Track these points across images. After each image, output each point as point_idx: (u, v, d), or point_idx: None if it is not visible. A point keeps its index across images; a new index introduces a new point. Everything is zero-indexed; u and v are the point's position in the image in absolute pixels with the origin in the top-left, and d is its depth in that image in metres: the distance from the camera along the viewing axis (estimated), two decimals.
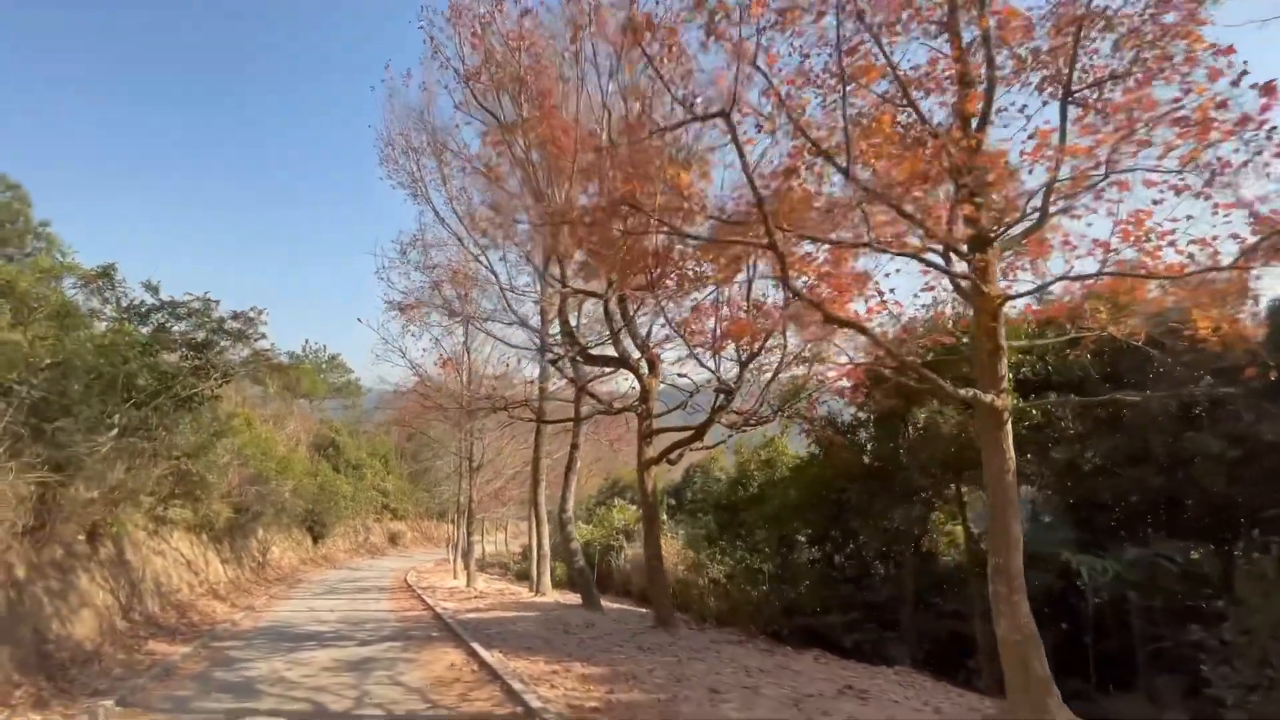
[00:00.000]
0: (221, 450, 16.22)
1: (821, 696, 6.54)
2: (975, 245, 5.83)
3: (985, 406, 5.64)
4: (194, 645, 10.30)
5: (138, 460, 11.95)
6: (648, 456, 10.43)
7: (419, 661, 9.22)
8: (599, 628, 11.69)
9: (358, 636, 11.45)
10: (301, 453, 33.16)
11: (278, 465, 24.05)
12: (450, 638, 11.23)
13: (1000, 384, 5.74)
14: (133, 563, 12.20)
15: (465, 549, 21.43)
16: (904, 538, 11.26)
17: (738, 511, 14.72)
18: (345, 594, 19.23)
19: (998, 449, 5.69)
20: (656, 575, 10.44)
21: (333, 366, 55.15)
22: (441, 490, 32.66)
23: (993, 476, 5.71)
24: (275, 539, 25.61)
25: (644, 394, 10.43)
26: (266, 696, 7.37)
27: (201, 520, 16.87)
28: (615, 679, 7.62)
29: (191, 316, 11.22)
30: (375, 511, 44.24)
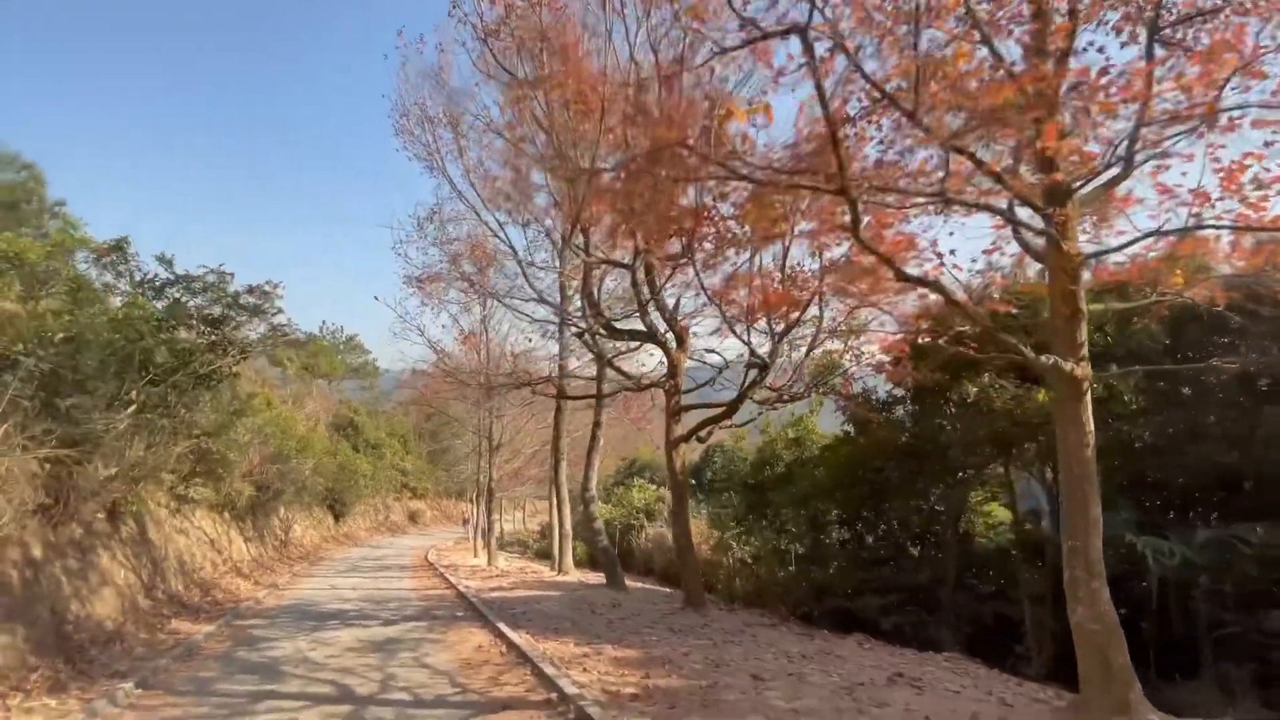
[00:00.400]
0: (242, 429, 16.09)
1: (873, 685, 6.15)
2: (1053, 198, 5.27)
3: (1064, 376, 5.12)
4: (217, 624, 10.17)
5: (157, 438, 11.76)
6: (676, 434, 10.01)
7: (445, 642, 8.98)
8: (626, 608, 11.41)
9: (381, 616, 11.27)
10: (321, 432, 33.31)
11: (298, 444, 24.07)
12: (475, 617, 11.01)
13: (1080, 351, 5.21)
14: (155, 541, 12.10)
15: (486, 528, 21.31)
16: (943, 518, 10.79)
17: (765, 491, 14.32)
18: (367, 572, 19.21)
19: (1075, 422, 5.18)
20: (686, 556, 10.09)
21: (350, 347, 55.41)
22: (460, 469, 32.64)
23: (1069, 452, 5.21)
24: (297, 517, 25.74)
25: (672, 369, 9.98)
26: (290, 678, 7.14)
27: (223, 499, 16.82)
28: (650, 663, 7.29)
29: (207, 291, 10.91)
30: (395, 490, 44.58)
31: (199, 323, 11.35)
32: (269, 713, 5.95)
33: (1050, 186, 5.26)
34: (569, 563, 17.22)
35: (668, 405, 10.07)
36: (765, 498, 14.36)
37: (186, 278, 10.68)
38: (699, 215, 5.75)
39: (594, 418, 14.60)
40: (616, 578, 13.82)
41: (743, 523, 14.68)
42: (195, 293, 10.87)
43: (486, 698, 6.30)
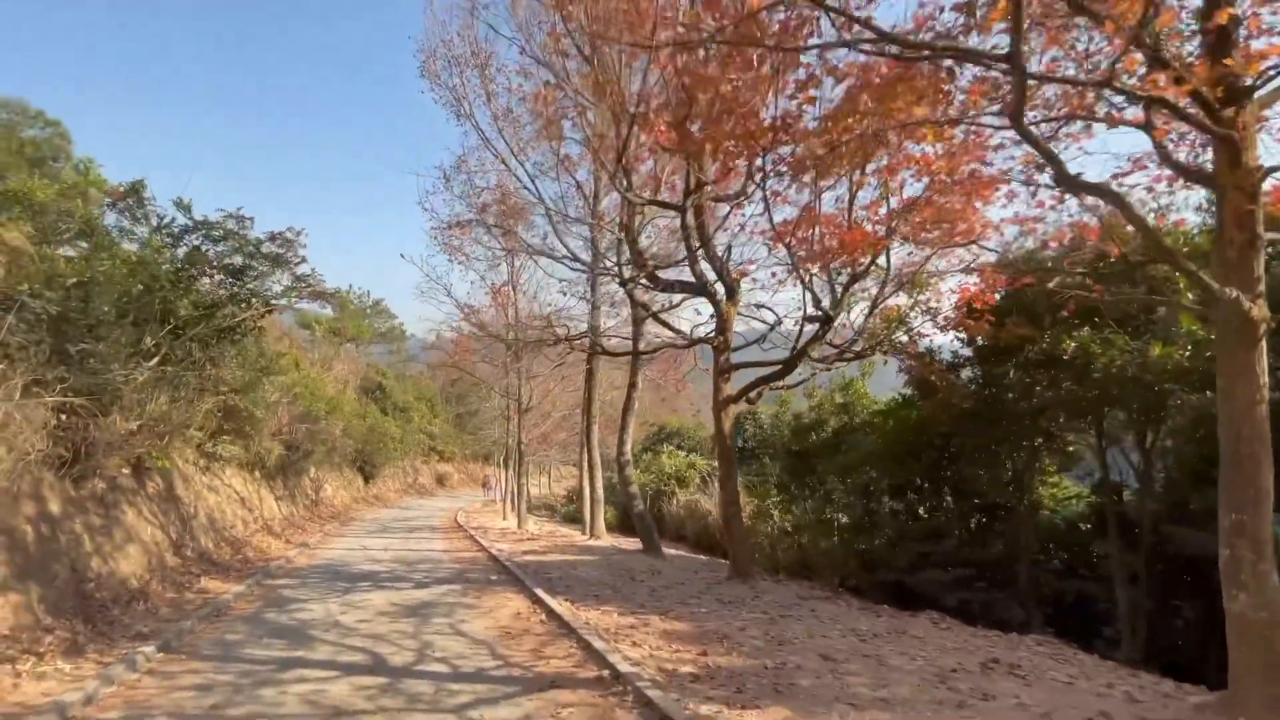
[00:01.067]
0: (269, 387, 15.74)
1: (967, 672, 5.43)
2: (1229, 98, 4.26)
3: (1238, 316, 4.19)
4: (247, 584, 9.84)
5: (181, 393, 11.36)
6: (725, 394, 9.24)
7: (481, 608, 8.49)
8: (667, 576, 10.85)
9: (413, 578, 10.88)
10: (350, 394, 33.32)
11: (327, 405, 23.93)
12: (510, 581, 10.55)
13: (1257, 287, 4.27)
14: (183, 498, 11.81)
15: (516, 491, 20.96)
16: (1013, 488, 9.93)
17: (810, 458, 13.55)
18: (398, 533, 19.04)
19: (1247, 374, 4.27)
20: (734, 524, 9.42)
21: (377, 312, 55.50)
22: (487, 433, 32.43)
23: (1237, 409, 4.31)
24: (328, 478, 25.79)
25: (721, 324, 9.16)
26: (320, 644, 6.67)
27: (253, 457, 16.61)
28: (704, 638, 6.67)
29: (227, 239, 10.31)
30: (423, 453, 44.89)
31: (219, 273, 10.79)
32: (297, 683, 5.45)
33: (1224, 86, 4.26)
34: (601, 527, 16.76)
35: (716, 363, 9.28)
36: (810, 465, 13.60)
37: (205, 224, 10.07)
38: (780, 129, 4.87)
39: (629, 379, 13.89)
40: (653, 544, 13.28)
41: (785, 491, 13.97)
42: (215, 240, 10.27)
43: (531, 672, 5.73)
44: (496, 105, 14.79)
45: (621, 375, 24.56)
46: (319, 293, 11.04)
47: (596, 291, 15.54)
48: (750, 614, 7.79)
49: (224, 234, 10.25)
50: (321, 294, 11.08)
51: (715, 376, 9.24)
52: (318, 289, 10.93)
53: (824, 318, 8.33)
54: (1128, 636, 7.79)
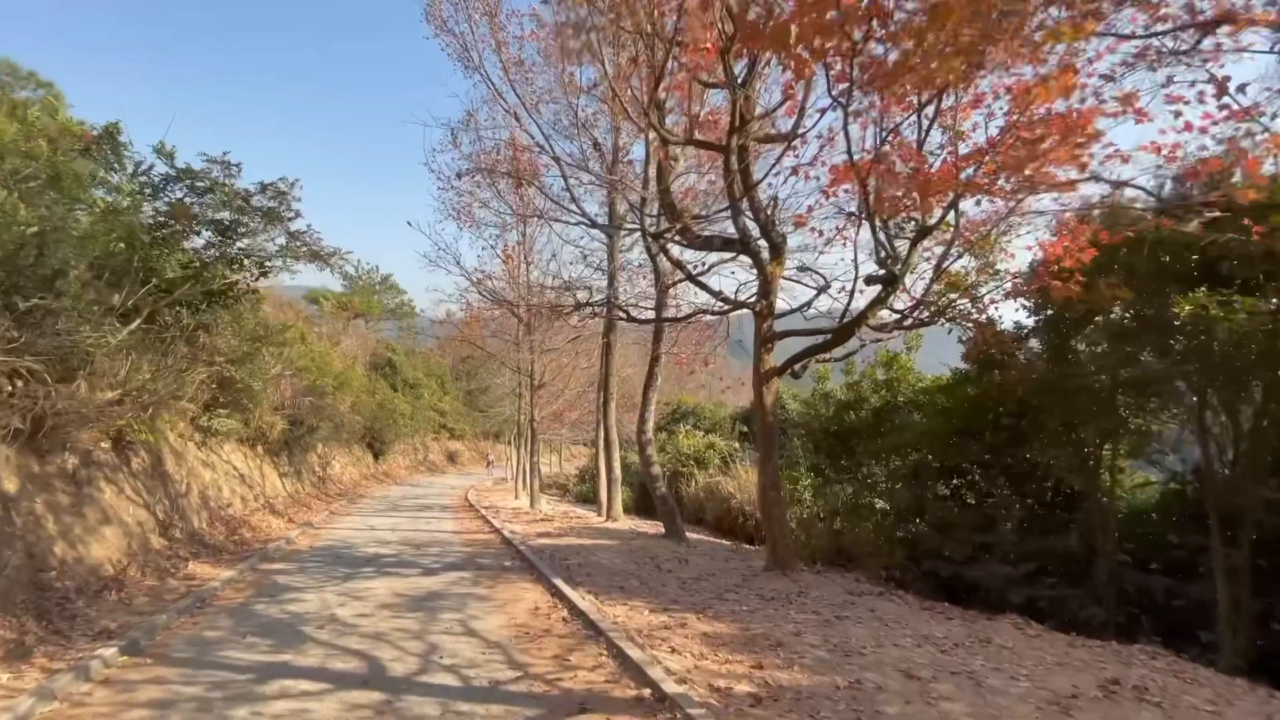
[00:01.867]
0: (268, 357, 14.87)
1: (1086, 698, 4.44)
2: None
3: None
4: (239, 568, 9.02)
5: (169, 361, 10.47)
6: (768, 366, 8.20)
7: (494, 600, 7.59)
8: (696, 565, 9.92)
9: (421, 563, 10.03)
10: (359, 370, 32.58)
11: (335, 381, 23.15)
12: (525, 568, 9.67)
13: None
14: (174, 475, 11.00)
15: (529, 470, 20.12)
16: (1087, 473, 8.87)
17: (848, 439, 12.51)
18: (406, 512, 18.29)
19: None
20: (774, 510, 8.44)
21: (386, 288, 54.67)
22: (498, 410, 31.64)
23: None
24: (336, 454, 25.10)
25: (764, 286, 8.09)
26: (311, 645, 5.80)
27: (254, 433, 15.82)
28: (754, 644, 5.72)
29: (213, 191, 9.30)
30: (433, 430, 44.31)
31: (207, 228, 9.81)
32: (278, 698, 4.56)
33: None
34: (618, 509, 15.88)
35: (758, 331, 8.22)
36: (848, 445, 12.56)
37: (189, 172, 9.07)
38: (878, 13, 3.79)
39: (651, 351, 12.86)
40: (676, 528, 12.36)
41: (819, 473, 12.97)
42: (201, 192, 9.26)
43: (557, 688, 4.80)
44: (507, 55, 13.67)
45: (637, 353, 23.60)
46: (316, 253, 10.03)
47: (614, 260, 14.48)
48: (801, 614, 6.84)
49: (210, 185, 9.23)
50: (319, 254, 10.07)
51: (757, 346, 8.20)
52: (315, 249, 9.93)
53: (888, 277, 7.24)
54: (1227, 641, 6.78)
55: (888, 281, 7.35)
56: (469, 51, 13.46)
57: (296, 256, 10.10)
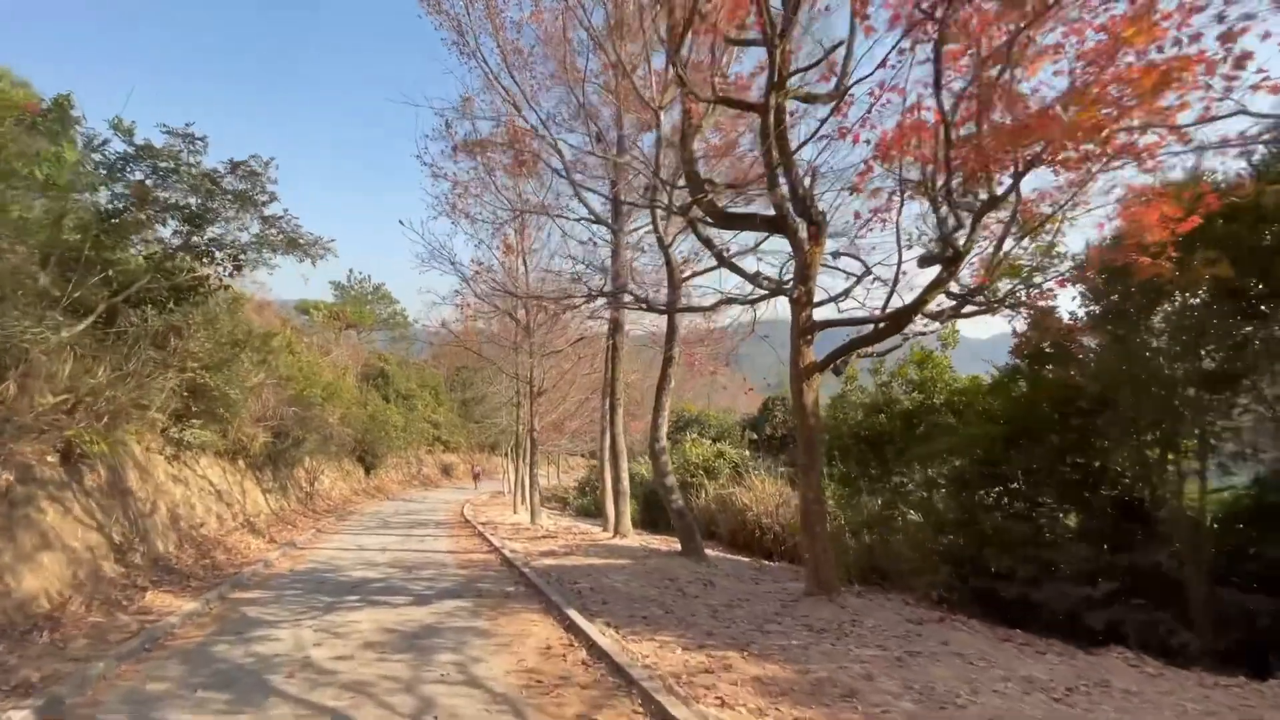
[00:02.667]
0: (248, 364, 13.79)
1: None
2: None
3: None
4: (206, 598, 7.90)
5: (133, 365, 9.40)
6: (808, 361, 7.20)
7: (498, 636, 6.51)
8: (723, 588, 8.86)
9: (413, 589, 8.92)
10: (350, 381, 31.43)
11: (324, 391, 22.04)
12: (532, 594, 8.58)
13: None
14: (137, 492, 9.87)
15: (529, 482, 19.00)
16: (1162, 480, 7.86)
17: (879, 445, 11.49)
18: (398, 529, 17.13)
19: None
20: (817, 526, 7.40)
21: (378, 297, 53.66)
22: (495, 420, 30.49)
23: None
24: (325, 468, 23.90)
25: (803, 271, 7.11)
26: (276, 702, 4.71)
27: (234, 445, 14.68)
28: (820, 692, 4.67)
29: (178, 172, 8.27)
30: (427, 443, 43.09)
31: (172, 215, 8.77)
32: None
33: None
34: (627, 524, 14.79)
35: (796, 321, 7.22)
36: (880, 452, 11.54)
37: (149, 150, 8.03)
38: None
39: (664, 352, 11.84)
40: (695, 545, 11.30)
41: (848, 483, 11.93)
42: (164, 174, 8.23)
43: None
44: (505, 40, 12.79)
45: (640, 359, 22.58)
46: (295, 241, 8.98)
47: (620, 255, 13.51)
48: (863, 649, 5.78)
49: (175, 165, 8.20)
50: (298, 242, 9.03)
51: (795, 339, 7.20)
52: (293, 236, 8.88)
53: (950, 255, 6.28)
54: None
55: (950, 260, 6.37)
56: (465, 36, 12.61)
57: (273, 247, 9.05)
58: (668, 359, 11.73)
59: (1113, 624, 7.29)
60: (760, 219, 7.15)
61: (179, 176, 8.18)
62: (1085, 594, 7.52)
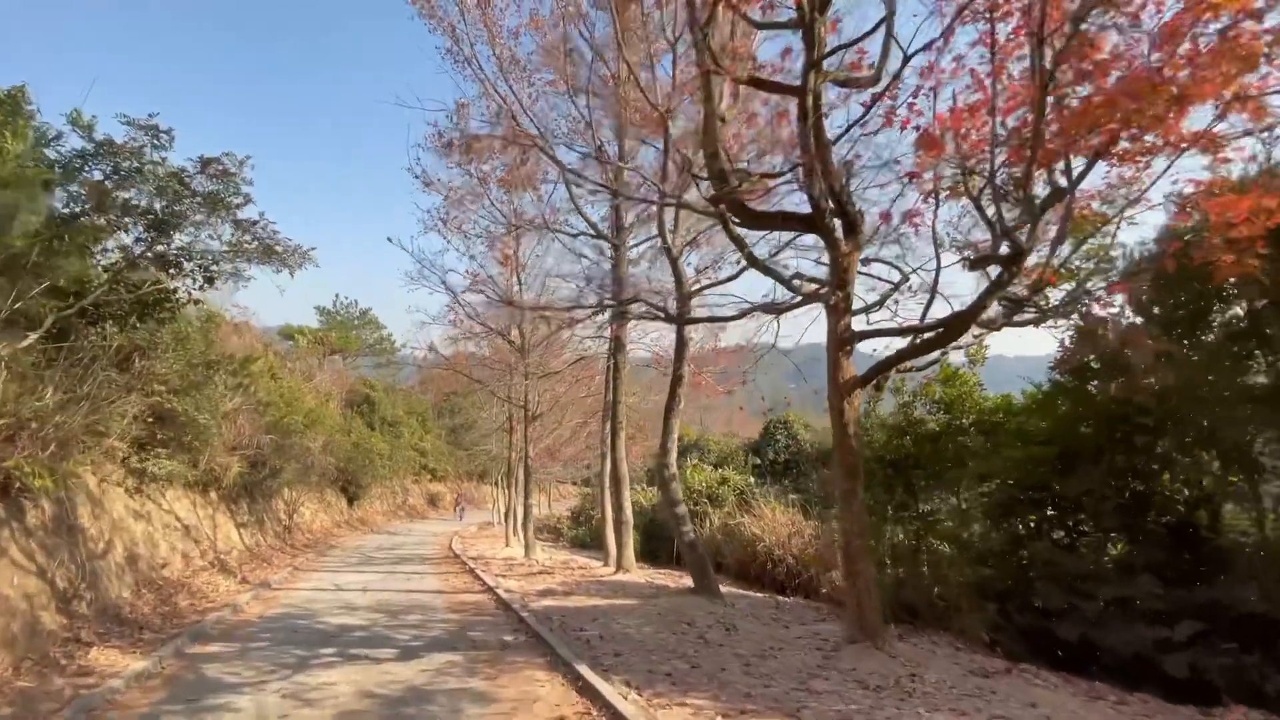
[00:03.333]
0: (222, 387, 12.80)
1: None
2: None
3: None
4: (159, 654, 6.85)
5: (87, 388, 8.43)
6: (848, 376, 6.43)
7: (499, 702, 5.54)
8: (748, 633, 7.92)
9: (398, 639, 7.89)
10: (333, 408, 30.24)
11: (306, 418, 20.92)
12: (533, 644, 7.58)
13: None
14: (89, 530, 8.81)
15: (523, 513, 17.94)
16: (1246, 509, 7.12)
17: (906, 470, 10.69)
18: (382, 565, 15.97)
19: None
20: (860, 563, 6.54)
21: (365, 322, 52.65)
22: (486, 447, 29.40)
23: None
24: (305, 499, 22.63)
25: (840, 276, 6.38)
26: None
27: (204, 476, 13.59)
28: None
29: (141, 172, 7.44)
30: (413, 472, 41.66)
31: (136, 221, 7.92)
32: None
33: None
34: (630, 557, 13.79)
35: (834, 330, 6.47)
36: (906, 477, 10.74)
37: (110, 147, 7.21)
38: None
39: (674, 369, 11.04)
40: (709, 583, 10.35)
41: (872, 511, 11.08)
42: (125, 174, 7.40)
43: None
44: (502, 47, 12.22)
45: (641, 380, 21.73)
46: (271, 248, 8.14)
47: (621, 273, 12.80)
48: (934, 713, 4.89)
49: (138, 164, 7.37)
50: (275, 251, 8.19)
51: (833, 350, 6.43)
52: (269, 243, 8.04)
53: (1011, 254, 5.58)
54: None
55: (1010, 259, 5.66)
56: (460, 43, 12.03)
57: (248, 256, 8.20)
58: (677, 378, 10.92)
59: (1198, 669, 6.46)
60: (793, 218, 6.43)
61: (143, 176, 7.35)
62: (1162, 636, 6.68)
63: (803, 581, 13.77)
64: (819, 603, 12.13)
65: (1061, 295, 6.99)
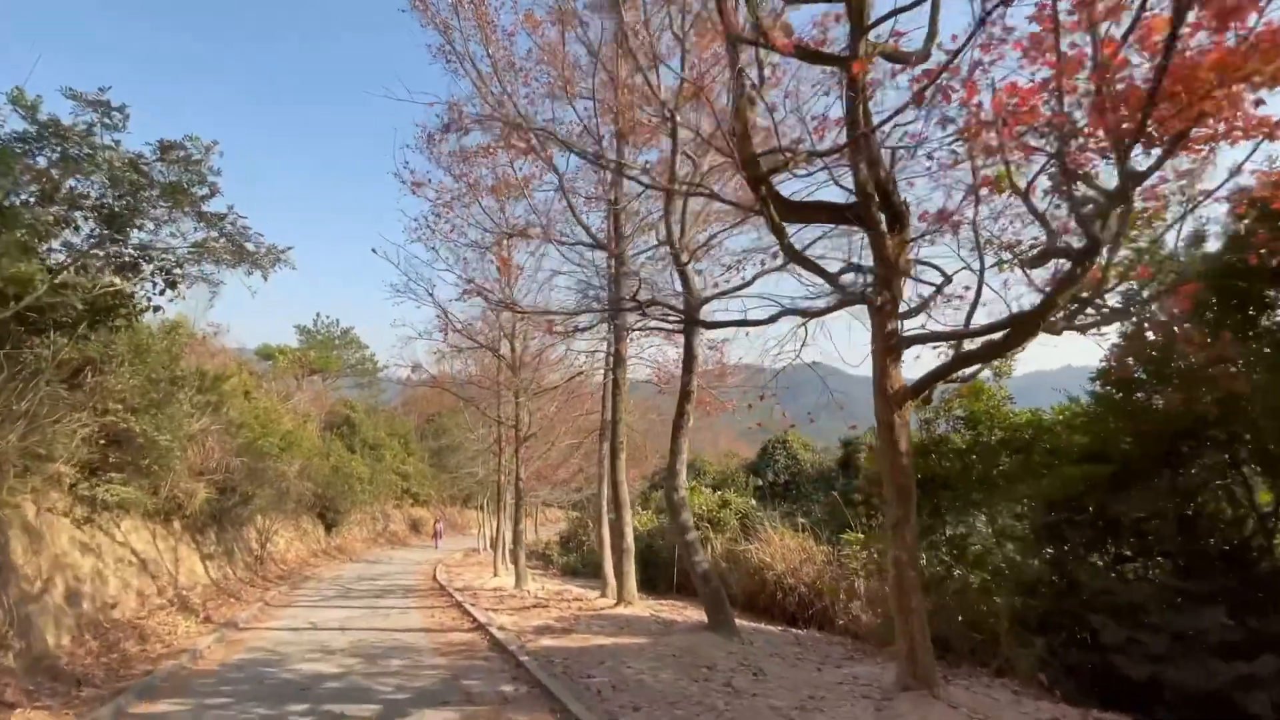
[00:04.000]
0: (187, 405, 11.75)
1: None
2: None
3: None
4: (95, 718, 5.79)
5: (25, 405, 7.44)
6: (897, 384, 5.69)
7: None
8: (779, 677, 7.03)
9: (380, 692, 6.88)
10: (312, 430, 28.92)
11: (282, 441, 19.71)
12: (538, 697, 6.61)
13: None
14: (23, 567, 7.72)
15: (514, 541, 16.88)
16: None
17: (933, 491, 9.94)
18: (362, 598, 14.80)
19: None
20: (912, 598, 5.73)
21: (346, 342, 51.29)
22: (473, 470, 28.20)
23: None
24: (280, 527, 21.28)
25: (886, 272, 5.68)
26: None
27: (166, 503, 12.44)
28: None
29: (93, 159, 6.56)
30: (395, 496, 40.11)
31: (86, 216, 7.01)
32: None
33: None
34: (632, 588, 12.83)
35: (880, 334, 5.74)
36: (933, 499, 9.98)
37: (57, 129, 6.33)
38: None
39: (682, 385, 10.24)
40: (725, 618, 9.45)
41: None
42: (73, 160, 6.51)
43: None
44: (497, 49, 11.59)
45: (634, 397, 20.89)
46: (242, 248, 7.25)
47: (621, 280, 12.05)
48: None
49: (88, 150, 6.49)
50: (246, 251, 7.30)
51: (880, 357, 5.69)
52: (238, 239, 7.15)
53: (1086, 248, 4.91)
54: None
55: (1083, 254, 4.99)
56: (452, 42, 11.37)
57: (216, 257, 7.30)
58: (685, 393, 10.12)
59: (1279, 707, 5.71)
60: (836, 208, 5.72)
61: (94, 163, 6.46)
62: (1242, 672, 5.93)
63: (816, 612, 12.87)
64: (838, 636, 11.25)
65: (1117, 297, 6.34)
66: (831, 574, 13.15)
